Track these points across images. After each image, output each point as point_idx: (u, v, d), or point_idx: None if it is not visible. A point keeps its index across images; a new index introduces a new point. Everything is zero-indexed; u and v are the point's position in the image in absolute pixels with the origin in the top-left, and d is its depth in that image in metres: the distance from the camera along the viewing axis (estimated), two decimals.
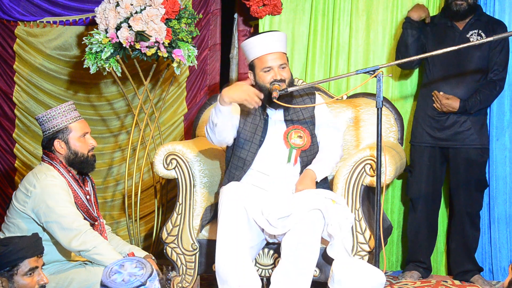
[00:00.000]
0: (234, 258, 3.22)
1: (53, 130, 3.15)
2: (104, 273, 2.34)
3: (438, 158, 3.99)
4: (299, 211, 3.27)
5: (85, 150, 3.19)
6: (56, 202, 3.05)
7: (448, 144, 3.93)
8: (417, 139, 4.03)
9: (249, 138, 3.51)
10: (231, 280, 3.20)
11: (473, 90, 3.86)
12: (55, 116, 3.15)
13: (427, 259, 4.06)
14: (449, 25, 3.93)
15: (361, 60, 4.34)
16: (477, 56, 3.86)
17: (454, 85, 3.88)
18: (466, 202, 3.94)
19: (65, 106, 3.19)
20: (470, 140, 3.89)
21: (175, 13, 4.00)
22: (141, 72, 4.26)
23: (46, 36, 4.80)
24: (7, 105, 4.90)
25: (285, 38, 3.56)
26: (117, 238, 3.36)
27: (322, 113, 3.59)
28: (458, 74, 3.89)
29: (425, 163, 3.99)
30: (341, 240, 3.23)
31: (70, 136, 3.16)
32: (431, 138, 3.96)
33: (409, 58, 3.48)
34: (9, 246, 2.56)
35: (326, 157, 3.52)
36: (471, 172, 3.92)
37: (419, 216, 4.02)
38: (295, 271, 3.20)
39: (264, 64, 3.45)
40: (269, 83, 3.45)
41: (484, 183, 3.99)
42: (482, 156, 3.94)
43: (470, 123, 3.89)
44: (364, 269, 2.81)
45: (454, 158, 3.93)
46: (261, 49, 3.46)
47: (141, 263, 2.37)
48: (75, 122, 3.18)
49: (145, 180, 4.71)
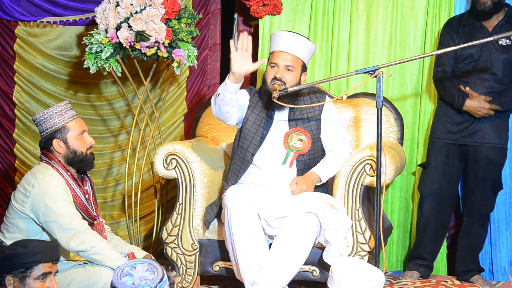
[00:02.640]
0: (257, 260, 3.26)
1: (50, 130, 3.15)
2: (115, 273, 2.34)
3: (457, 155, 3.95)
4: (295, 213, 3.28)
5: (84, 148, 3.19)
6: (55, 202, 3.05)
7: (467, 141, 3.89)
8: (436, 134, 3.98)
9: (252, 133, 3.52)
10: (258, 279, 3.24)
11: (497, 93, 3.83)
12: (52, 116, 3.15)
13: (431, 256, 4.03)
14: (478, 26, 3.90)
15: (361, 60, 4.34)
16: (503, 59, 3.84)
17: (478, 87, 3.84)
18: (481, 201, 3.91)
19: (61, 106, 3.19)
20: (491, 139, 3.86)
21: (175, 13, 4.00)
22: (141, 72, 4.26)
23: (46, 36, 4.80)
24: (7, 105, 4.90)
25: (309, 47, 3.54)
26: (116, 238, 3.36)
27: (329, 111, 3.59)
28: (483, 76, 3.86)
29: (442, 160, 3.94)
30: (337, 246, 3.24)
31: (68, 135, 3.16)
32: (451, 134, 3.92)
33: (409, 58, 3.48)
34: (27, 247, 2.56)
35: (333, 157, 3.52)
36: (490, 171, 3.89)
37: (428, 213, 3.99)
38: (278, 270, 3.23)
39: (273, 59, 3.49)
40: (270, 81, 3.46)
41: (500, 184, 3.97)
42: (501, 157, 3.91)
43: (492, 122, 3.86)
44: (364, 269, 2.81)
45: (474, 156, 3.89)
46: (279, 45, 3.48)
47: (153, 266, 2.36)
48: (72, 121, 3.18)
49: (145, 180, 4.71)
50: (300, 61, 3.50)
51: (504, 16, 3.89)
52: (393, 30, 4.30)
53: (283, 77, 3.45)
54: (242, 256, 3.27)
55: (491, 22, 3.90)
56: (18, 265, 2.54)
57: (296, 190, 3.39)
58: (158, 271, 2.35)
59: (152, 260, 2.44)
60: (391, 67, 4.17)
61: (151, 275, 2.33)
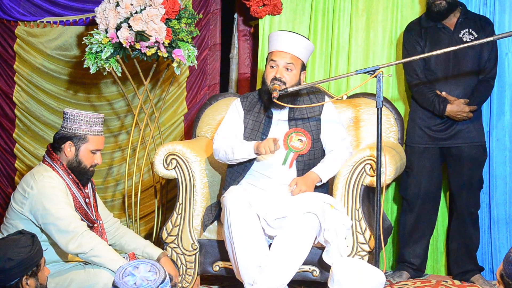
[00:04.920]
0: (257, 260, 3.26)
1: (71, 131, 3.14)
2: (117, 273, 2.35)
3: (438, 158, 3.97)
4: (295, 213, 3.28)
5: (89, 164, 3.19)
6: (53, 204, 3.04)
7: (449, 144, 3.91)
8: (415, 140, 3.99)
9: (252, 136, 3.52)
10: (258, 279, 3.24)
11: (471, 89, 3.86)
12: (81, 121, 3.14)
13: (420, 260, 4.03)
14: (440, 27, 3.93)
15: (361, 60, 4.34)
16: (471, 55, 3.86)
17: (454, 85, 3.87)
18: (469, 201, 3.92)
19: (94, 117, 3.17)
20: (471, 138, 3.88)
21: (175, 13, 4.00)
22: (141, 72, 4.26)
23: (46, 36, 4.80)
24: (7, 105, 4.90)
25: (307, 46, 3.55)
26: (130, 233, 3.37)
27: (329, 111, 3.59)
28: (457, 74, 3.89)
29: (425, 164, 3.96)
30: (336, 246, 3.24)
31: (83, 146, 3.15)
32: (431, 138, 3.94)
33: (409, 58, 3.48)
34: (34, 245, 2.60)
35: (333, 158, 3.52)
36: (474, 170, 3.91)
37: (416, 217, 4.01)
38: (278, 270, 3.23)
39: (272, 59, 3.48)
40: (270, 81, 3.47)
41: (482, 181, 3.99)
42: (483, 154, 3.93)
43: (469, 121, 3.88)
44: (364, 269, 2.81)
45: (457, 157, 3.90)
46: (277, 45, 3.48)
47: (155, 267, 2.37)
48: (95, 136, 3.18)
49: (145, 180, 4.71)
50: (299, 60, 3.50)
51: (460, 13, 3.92)
52: (393, 30, 4.30)
53: (283, 77, 3.46)
54: (241, 256, 3.27)
55: (450, 21, 3.92)
56: (33, 264, 2.58)
57: (295, 191, 3.39)
58: (160, 272, 2.35)
59: (158, 260, 2.45)
60: (391, 67, 4.18)
61: (153, 275, 2.33)
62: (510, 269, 2.21)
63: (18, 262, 2.52)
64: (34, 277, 2.57)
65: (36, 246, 2.60)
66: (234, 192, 3.38)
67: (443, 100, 3.84)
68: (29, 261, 2.55)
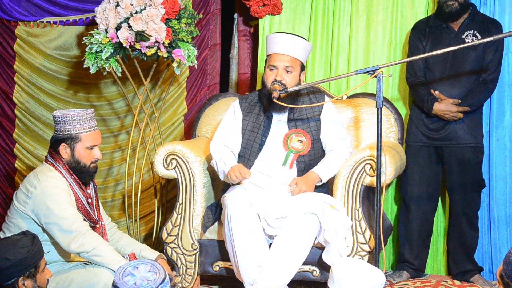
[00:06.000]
0: (257, 260, 3.26)
1: (63, 133, 3.14)
2: (117, 273, 2.35)
3: (434, 158, 3.97)
4: (295, 213, 3.28)
5: (88, 161, 3.18)
6: (56, 204, 3.04)
7: (442, 144, 3.92)
8: (411, 138, 4.00)
9: (251, 141, 3.53)
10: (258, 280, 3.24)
11: (468, 91, 3.86)
12: (70, 122, 3.13)
13: (419, 260, 4.03)
14: (444, 27, 3.92)
15: (361, 60, 4.34)
16: (473, 57, 3.85)
17: (450, 86, 3.87)
18: (463, 202, 3.92)
19: (84, 115, 3.16)
20: (464, 139, 3.88)
21: (175, 13, 4.00)
22: (141, 72, 4.26)
23: (46, 36, 4.79)
24: (7, 105, 4.90)
25: (306, 46, 3.55)
26: (126, 237, 3.36)
27: (328, 111, 3.59)
28: (454, 75, 3.89)
29: (420, 163, 3.96)
30: (336, 246, 3.25)
31: (77, 145, 3.15)
32: (426, 137, 3.95)
33: (409, 58, 3.48)
34: (33, 246, 2.60)
35: (333, 157, 3.52)
36: (466, 172, 3.90)
37: (413, 217, 4.01)
38: (278, 270, 3.24)
39: (271, 62, 3.49)
40: (270, 83, 3.47)
41: (481, 182, 3.97)
42: (476, 156, 3.92)
43: (464, 122, 3.88)
44: (364, 269, 2.81)
45: (448, 158, 3.91)
46: (275, 47, 3.48)
47: (155, 267, 2.37)
48: (88, 133, 3.16)
49: (145, 180, 4.71)
50: (298, 61, 3.50)
51: (468, 14, 3.91)
52: (393, 30, 4.30)
53: (283, 80, 3.46)
54: (242, 256, 3.27)
55: (457, 22, 3.92)
56: (31, 265, 2.57)
57: (295, 191, 3.39)
58: (160, 272, 2.36)
59: (156, 262, 2.45)
60: (391, 67, 4.17)
61: (153, 275, 2.33)
62: (510, 269, 2.21)
63: (14, 262, 2.51)
64: (31, 278, 2.56)
65: (35, 247, 2.60)
66: (234, 192, 3.38)
67: (432, 98, 3.84)
68: (26, 262, 2.54)
